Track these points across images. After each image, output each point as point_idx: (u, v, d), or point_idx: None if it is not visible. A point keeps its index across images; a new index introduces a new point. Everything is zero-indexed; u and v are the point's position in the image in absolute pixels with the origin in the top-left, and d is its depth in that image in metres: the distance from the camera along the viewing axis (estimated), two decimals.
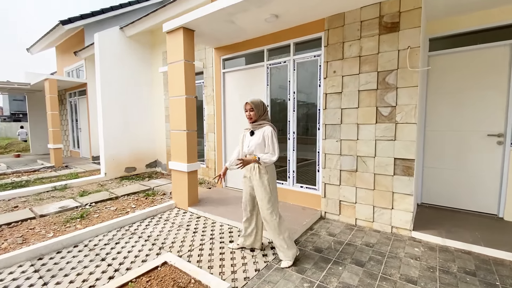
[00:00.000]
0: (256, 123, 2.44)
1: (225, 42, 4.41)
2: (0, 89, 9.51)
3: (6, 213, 3.79)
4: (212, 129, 5.37)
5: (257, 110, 2.41)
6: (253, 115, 2.42)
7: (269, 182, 2.40)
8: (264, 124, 2.42)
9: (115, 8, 8.45)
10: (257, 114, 2.42)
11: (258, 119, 2.44)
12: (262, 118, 2.46)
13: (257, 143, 2.38)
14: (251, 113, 2.42)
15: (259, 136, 2.38)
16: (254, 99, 2.43)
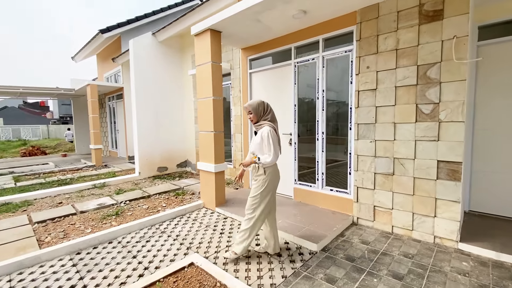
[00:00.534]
0: (257, 123, 2.47)
1: (251, 42, 4.36)
2: (50, 94, 10.53)
3: (51, 209, 4.13)
4: (239, 130, 5.36)
5: (255, 112, 2.44)
6: (252, 117, 2.47)
7: (263, 184, 2.39)
8: (264, 125, 2.42)
9: (148, 15, 8.89)
10: (257, 116, 2.45)
11: (259, 120, 2.47)
12: (263, 119, 2.47)
13: (256, 144, 2.40)
14: (250, 115, 2.47)
15: (259, 136, 2.40)
16: (251, 102, 2.46)
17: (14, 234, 3.15)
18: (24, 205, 4.34)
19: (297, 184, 4.06)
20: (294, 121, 4.01)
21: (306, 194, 3.93)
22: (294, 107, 4.00)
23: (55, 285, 2.19)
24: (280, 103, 4.25)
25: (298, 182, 4.05)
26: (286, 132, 4.17)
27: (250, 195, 2.49)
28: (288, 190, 4.22)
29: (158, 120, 6.66)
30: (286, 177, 4.23)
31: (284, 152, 4.24)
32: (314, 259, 2.53)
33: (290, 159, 4.14)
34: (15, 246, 2.84)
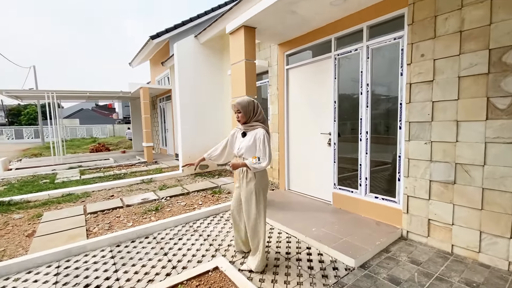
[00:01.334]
0: (247, 124, 2.28)
1: (288, 36, 4.14)
2: (112, 97, 11.83)
3: (104, 201, 4.55)
4: (276, 129, 5.18)
5: (244, 112, 2.25)
6: (241, 117, 2.27)
7: (256, 188, 2.22)
8: (257, 126, 2.24)
9: (193, 19, 9.28)
10: (246, 115, 2.26)
11: (248, 120, 2.28)
12: (254, 119, 2.28)
13: (248, 146, 2.20)
14: (239, 114, 2.27)
15: (250, 139, 2.21)
16: (241, 100, 2.27)
17: (69, 223, 3.54)
18: (83, 196, 4.88)
19: (336, 188, 3.72)
20: (333, 119, 3.67)
21: (346, 201, 3.56)
22: (334, 104, 3.65)
23: (93, 275, 2.34)
24: (318, 100, 3.95)
25: (337, 186, 3.71)
26: (324, 132, 3.85)
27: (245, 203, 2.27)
28: (326, 195, 3.90)
29: (200, 120, 6.88)
30: (324, 181, 3.91)
31: (322, 154, 3.93)
32: (350, 276, 2.23)
33: (329, 161, 3.81)
34: (68, 234, 3.17)
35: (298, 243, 2.82)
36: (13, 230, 3.38)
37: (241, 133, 2.33)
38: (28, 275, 2.37)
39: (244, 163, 2.14)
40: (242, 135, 2.32)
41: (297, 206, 3.82)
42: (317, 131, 3.97)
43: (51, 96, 9.25)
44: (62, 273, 2.38)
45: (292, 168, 4.56)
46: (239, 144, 2.30)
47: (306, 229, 2.99)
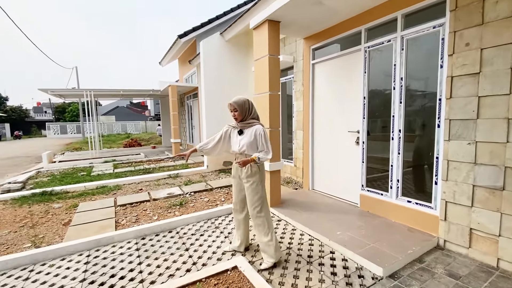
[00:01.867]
0: (244, 122, 2.40)
1: (314, 29, 3.96)
2: (143, 95, 12.40)
3: (133, 194, 4.77)
4: (300, 127, 5.03)
5: (241, 110, 2.35)
6: (237, 115, 2.37)
7: (261, 179, 2.40)
8: (254, 123, 2.39)
9: (220, 16, 9.34)
10: (242, 113, 2.36)
11: (245, 118, 2.39)
12: (250, 117, 2.41)
13: (249, 142, 2.34)
14: (235, 113, 2.37)
15: (250, 135, 2.35)
16: (237, 99, 2.36)
17: (101, 214, 3.75)
18: (115, 189, 5.17)
19: (364, 190, 3.50)
20: (363, 116, 3.44)
21: (375, 204, 3.34)
22: (363, 100, 3.43)
23: (118, 266, 2.44)
24: (346, 96, 3.74)
25: (365, 188, 3.48)
26: (352, 130, 3.64)
27: (250, 194, 2.38)
28: (353, 197, 3.69)
29: (224, 117, 6.88)
30: (351, 182, 3.70)
31: (349, 153, 3.72)
32: (377, 286, 2.07)
33: (356, 161, 3.59)
34: (99, 225, 3.35)
35: (321, 247, 2.69)
36: (52, 219, 3.67)
37: (238, 131, 2.43)
38: (62, 262, 2.53)
39: (252, 159, 2.24)
40: (239, 133, 2.42)
41: (322, 207, 3.66)
42: (345, 129, 3.76)
43: (89, 95, 9.94)
44: (91, 262, 2.51)
45: (317, 167, 4.39)
46: (239, 142, 2.39)
47: (330, 232, 2.85)
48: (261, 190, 2.39)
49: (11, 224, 3.52)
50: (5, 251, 2.78)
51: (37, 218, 3.69)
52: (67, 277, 2.29)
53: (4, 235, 3.17)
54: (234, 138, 2.47)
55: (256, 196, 2.36)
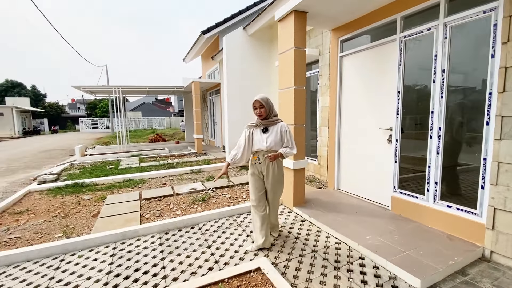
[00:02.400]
0: (268, 119, 2.49)
1: (343, 20, 3.72)
2: (167, 91, 12.70)
3: (157, 188, 4.86)
4: (325, 123, 4.82)
5: (267, 107, 2.45)
6: (263, 112, 2.45)
7: (283, 172, 2.65)
8: (278, 121, 2.52)
9: (243, 11, 9.25)
10: (267, 111, 2.45)
11: (268, 115, 2.48)
12: (273, 115, 2.52)
13: (276, 139, 2.46)
14: (261, 110, 2.44)
15: (276, 132, 2.47)
16: (262, 97, 2.44)
17: (126, 207, 3.85)
18: (140, 183, 5.31)
19: (396, 192, 3.25)
20: (396, 112, 3.18)
21: (408, 207, 3.09)
22: (397, 94, 3.16)
23: (142, 260, 2.45)
24: (377, 91, 3.48)
25: (398, 190, 3.24)
26: (384, 127, 3.38)
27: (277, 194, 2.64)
28: (383, 198, 3.45)
29: (247, 112, 6.82)
30: (381, 182, 3.46)
31: (380, 151, 3.48)
32: None
33: (388, 160, 3.34)
34: (124, 218, 3.43)
35: (349, 251, 2.52)
36: (82, 210, 3.83)
37: (262, 129, 2.51)
38: (90, 253, 2.61)
39: (280, 153, 2.42)
40: (264, 131, 2.50)
41: (348, 208, 3.47)
42: (375, 126, 3.51)
43: (118, 91, 10.35)
44: (117, 255, 2.56)
45: (343, 166, 4.17)
46: (265, 139, 2.48)
47: (359, 236, 2.67)
48: (283, 181, 2.67)
49: (46, 213, 3.72)
50: (39, 239, 2.93)
51: (69, 209, 3.87)
52: (94, 268, 2.34)
53: (39, 224, 3.35)
54: (257, 136, 2.52)
55: (280, 186, 2.63)
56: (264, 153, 2.47)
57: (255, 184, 2.57)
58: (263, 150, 2.48)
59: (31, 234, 3.06)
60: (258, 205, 2.58)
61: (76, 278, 2.21)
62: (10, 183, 6.00)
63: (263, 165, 2.50)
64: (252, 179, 2.59)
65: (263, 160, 2.48)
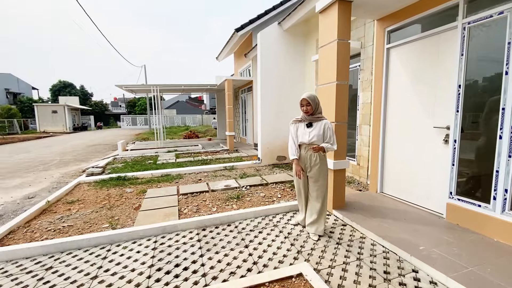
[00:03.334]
0: (313, 116, 2.69)
1: (392, 8, 3.40)
2: (201, 90, 13.02)
3: (193, 184, 4.96)
4: (367, 121, 4.51)
5: (313, 105, 2.65)
6: (309, 109, 2.66)
7: (326, 165, 2.78)
8: (322, 118, 2.71)
9: (276, 6, 9.07)
10: (313, 108, 2.65)
11: (314, 112, 2.68)
12: (318, 112, 2.71)
13: (319, 135, 2.64)
14: (307, 107, 2.66)
15: (320, 128, 2.65)
16: (310, 95, 2.65)
17: (165, 201, 3.96)
18: (177, 178, 5.47)
19: (453, 199, 2.90)
20: (456, 109, 2.82)
21: (469, 216, 2.73)
22: (457, 89, 2.80)
23: (181, 256, 2.48)
24: (431, 85, 3.13)
25: (455, 196, 2.88)
26: (439, 125, 3.04)
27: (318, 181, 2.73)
28: (436, 205, 3.11)
29: (280, 109, 6.72)
30: (434, 187, 3.12)
31: (434, 152, 3.14)
32: None
33: (443, 162, 3.00)
34: (163, 212, 3.53)
35: (400, 262, 2.29)
36: (125, 202, 4.03)
37: (306, 124, 2.71)
38: (133, 245, 2.70)
39: (322, 147, 2.59)
40: (308, 126, 2.70)
41: (395, 214, 3.19)
42: (429, 124, 3.17)
43: (155, 89, 10.86)
44: (158, 249, 2.62)
45: (388, 167, 3.86)
46: (309, 133, 2.67)
47: (410, 246, 2.42)
48: (326, 177, 2.75)
49: (94, 204, 3.98)
50: (89, 229, 3.12)
51: (113, 201, 4.10)
52: (137, 260, 2.42)
53: (88, 214, 3.59)
54: (301, 130, 2.73)
55: (321, 182, 2.71)
56: (306, 146, 2.69)
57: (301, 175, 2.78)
58: (305, 143, 2.69)
59: (81, 223, 3.28)
60: (299, 193, 2.94)
61: (122, 269, 2.30)
62: (63, 174, 6.59)
63: (306, 157, 2.71)
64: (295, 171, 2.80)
65: (305, 153, 2.71)
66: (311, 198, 2.81)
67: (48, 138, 19.30)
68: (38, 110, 26.63)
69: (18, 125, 25.76)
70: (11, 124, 24.92)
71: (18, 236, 2.95)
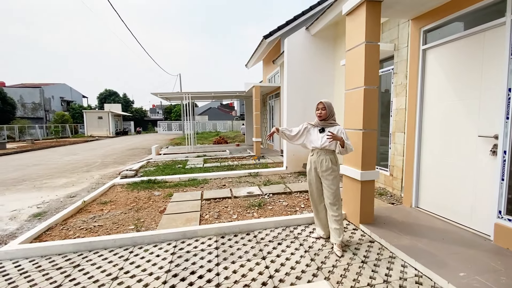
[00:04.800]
0: (326, 121, 2.69)
1: (427, 6, 3.12)
2: (230, 96, 13.30)
3: (217, 189, 5.01)
4: (401, 128, 4.17)
5: (328, 110, 2.67)
6: (323, 114, 2.67)
7: (338, 174, 2.70)
8: (335, 124, 2.70)
9: (305, 12, 8.97)
10: (327, 113, 2.66)
11: (328, 117, 2.68)
12: (332, 119, 2.71)
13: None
14: (322, 111, 2.67)
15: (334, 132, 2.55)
16: (326, 101, 2.70)
17: (188, 206, 4.04)
18: (203, 183, 5.58)
19: (503, 219, 2.51)
20: (505, 116, 2.45)
21: None
22: (507, 93, 2.44)
23: (198, 263, 2.47)
24: (474, 89, 2.79)
25: (505, 216, 2.49)
26: (486, 134, 2.67)
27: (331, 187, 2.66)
28: (481, 225, 2.72)
29: (307, 115, 6.54)
30: (479, 204, 2.75)
31: (479, 165, 2.77)
32: None
33: (490, 176, 2.62)
34: (186, 217, 3.59)
35: None
36: (152, 205, 4.19)
37: (319, 129, 2.72)
38: (154, 249, 2.77)
39: (341, 137, 2.51)
40: (320, 131, 2.70)
41: (431, 233, 2.85)
42: (472, 133, 2.81)
43: (187, 97, 11.33)
44: (177, 254, 2.65)
45: (425, 180, 3.50)
46: (321, 138, 2.66)
47: (448, 271, 2.12)
48: (338, 182, 2.67)
49: (124, 206, 4.21)
50: (116, 229, 3.29)
51: (142, 203, 4.30)
52: (156, 264, 2.46)
53: (117, 215, 3.79)
54: (314, 135, 2.74)
55: (334, 187, 2.64)
56: (318, 150, 2.69)
57: (311, 180, 2.82)
58: (317, 147, 2.69)
59: (110, 224, 3.46)
60: (313, 197, 2.89)
61: (140, 272, 2.35)
62: (102, 176, 7.12)
63: (317, 162, 2.70)
64: (309, 176, 2.83)
65: (317, 157, 2.70)
66: (327, 205, 2.75)
67: (94, 141, 21.19)
68: (87, 116, 29.46)
69: (70, 130, 28.71)
70: (63, 128, 27.89)
71: (54, 233, 3.21)
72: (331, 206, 2.68)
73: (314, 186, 2.82)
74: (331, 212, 2.69)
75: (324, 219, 2.87)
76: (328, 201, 2.70)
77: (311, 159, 2.78)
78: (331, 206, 2.68)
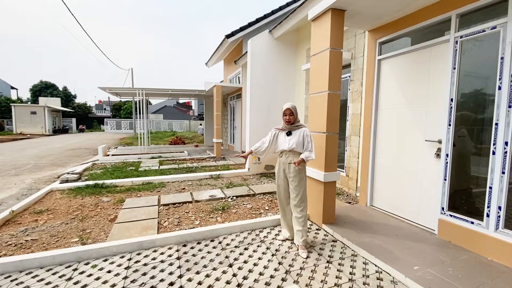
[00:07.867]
0: (294, 125, 2.75)
1: (385, 19, 3.38)
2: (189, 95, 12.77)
3: (176, 193, 4.69)
4: (356, 132, 4.45)
5: (295, 114, 2.73)
6: (292, 119, 2.72)
7: (304, 177, 2.77)
8: (301, 126, 2.76)
9: (268, 15, 9.09)
10: (295, 117, 2.73)
11: (294, 122, 2.74)
12: (297, 121, 2.78)
13: (298, 142, 2.68)
14: (290, 117, 2.71)
15: (299, 136, 2.70)
16: (292, 105, 2.72)
17: (144, 213, 3.68)
18: (159, 186, 5.18)
19: (445, 215, 2.82)
20: (448, 123, 2.77)
21: (461, 233, 2.65)
22: (449, 103, 2.76)
23: (158, 277, 2.23)
24: (423, 98, 3.10)
25: (448, 212, 2.81)
26: (431, 138, 2.98)
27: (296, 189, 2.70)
28: (428, 220, 3.03)
29: (269, 118, 6.60)
30: (426, 202, 3.05)
31: (425, 166, 3.07)
32: None
33: (435, 177, 2.93)
34: (142, 225, 3.26)
35: (394, 284, 2.15)
36: (100, 213, 3.71)
37: (286, 132, 2.77)
38: (104, 263, 2.42)
39: (302, 159, 2.58)
40: (287, 134, 2.75)
41: (386, 229, 3.07)
42: (420, 138, 3.12)
43: (141, 93, 10.51)
44: (132, 268, 2.36)
45: (379, 180, 3.77)
46: (288, 141, 2.72)
47: (404, 266, 2.29)
48: (304, 184, 2.75)
49: (65, 215, 3.64)
50: (55, 244, 2.81)
51: (87, 211, 3.78)
52: (107, 282, 2.15)
53: (56, 226, 3.25)
54: (282, 139, 2.80)
55: (300, 189, 2.69)
56: (286, 152, 2.75)
57: (279, 181, 2.86)
58: (285, 150, 2.75)
59: (48, 237, 2.95)
60: (280, 198, 2.91)
61: None
62: (36, 180, 6.12)
63: (285, 163, 2.75)
64: (278, 177, 2.87)
65: (286, 158, 2.75)
66: (292, 206, 2.79)
67: (25, 140, 18.29)
68: (16, 110, 25.36)
69: None
70: None
71: None
72: (295, 208, 2.72)
73: (282, 188, 2.85)
74: (295, 214, 2.74)
75: (291, 220, 2.88)
76: (293, 202, 2.74)
77: (280, 161, 2.82)
78: (295, 208, 2.72)
